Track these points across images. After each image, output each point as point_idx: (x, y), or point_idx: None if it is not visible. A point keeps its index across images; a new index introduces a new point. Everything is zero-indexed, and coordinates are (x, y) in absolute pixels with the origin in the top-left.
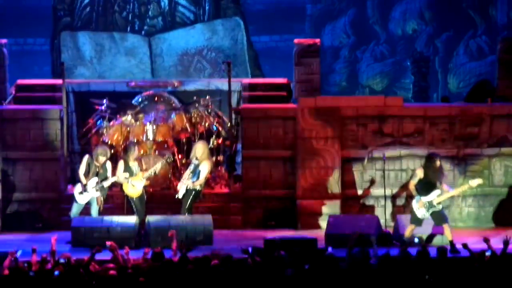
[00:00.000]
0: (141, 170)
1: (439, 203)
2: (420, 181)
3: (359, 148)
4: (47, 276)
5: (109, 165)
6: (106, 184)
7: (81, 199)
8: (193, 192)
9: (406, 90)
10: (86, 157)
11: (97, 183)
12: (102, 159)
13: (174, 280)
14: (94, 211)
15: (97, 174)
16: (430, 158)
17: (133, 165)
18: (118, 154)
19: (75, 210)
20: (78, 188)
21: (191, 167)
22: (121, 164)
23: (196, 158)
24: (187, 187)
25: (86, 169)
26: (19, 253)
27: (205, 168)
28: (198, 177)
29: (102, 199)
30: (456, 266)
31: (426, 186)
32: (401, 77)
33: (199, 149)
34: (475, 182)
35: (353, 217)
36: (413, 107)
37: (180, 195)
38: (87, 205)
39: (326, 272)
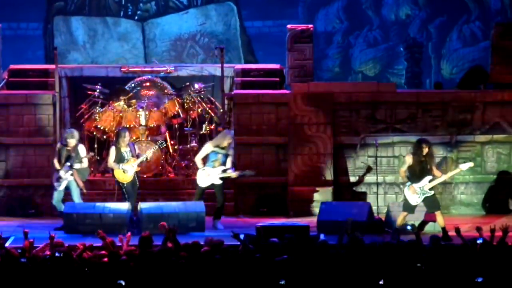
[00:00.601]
0: (133, 156)
1: (431, 188)
2: (410, 167)
3: (352, 134)
4: (39, 263)
5: (81, 147)
6: (77, 166)
7: (58, 186)
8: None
9: (399, 76)
10: (57, 145)
11: (69, 167)
12: (71, 141)
13: (164, 266)
14: (75, 196)
15: (69, 158)
16: (417, 144)
17: (125, 150)
18: (110, 139)
19: (55, 197)
20: (55, 175)
21: (219, 157)
22: (112, 150)
23: (222, 148)
24: (223, 177)
25: (57, 156)
26: (10, 240)
27: (231, 158)
28: (228, 166)
29: (81, 182)
30: (448, 254)
31: (416, 172)
32: (394, 63)
33: (229, 139)
34: (466, 165)
35: (345, 204)
36: (406, 93)
37: (206, 183)
38: (67, 191)
39: (318, 259)
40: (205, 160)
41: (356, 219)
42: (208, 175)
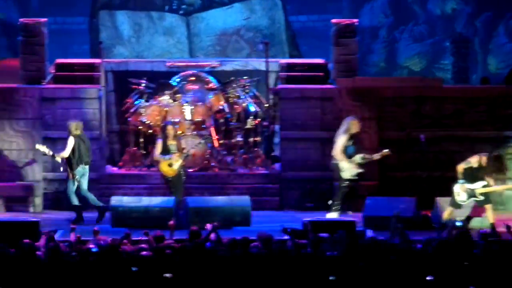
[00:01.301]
0: (179, 150)
1: (481, 194)
2: (470, 168)
3: (397, 129)
4: (85, 257)
5: (69, 140)
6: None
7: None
8: None
9: (445, 71)
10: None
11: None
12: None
13: (209, 261)
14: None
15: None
16: (498, 158)
17: (171, 144)
18: (155, 134)
19: (70, 189)
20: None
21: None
22: (159, 143)
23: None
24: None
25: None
26: (58, 234)
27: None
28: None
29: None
30: (497, 250)
31: (474, 175)
32: (440, 58)
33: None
34: None
35: (391, 199)
36: (452, 89)
37: (350, 174)
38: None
39: (368, 255)
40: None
41: (402, 214)
42: (352, 165)
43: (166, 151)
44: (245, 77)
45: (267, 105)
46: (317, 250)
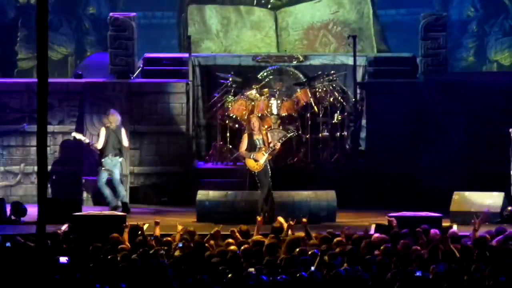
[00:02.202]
0: (265, 144)
1: None
2: None
3: (486, 124)
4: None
5: (101, 131)
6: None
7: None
8: None
9: None
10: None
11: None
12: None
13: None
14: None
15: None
16: None
17: (257, 138)
18: (242, 128)
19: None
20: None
21: None
22: (244, 137)
23: None
24: None
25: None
26: (145, 227)
27: None
28: None
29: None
30: None
31: None
32: None
33: None
34: None
35: (478, 194)
36: None
37: None
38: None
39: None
40: None
41: (490, 209)
42: None
43: (252, 145)
44: (332, 72)
45: (354, 99)
46: (396, 245)
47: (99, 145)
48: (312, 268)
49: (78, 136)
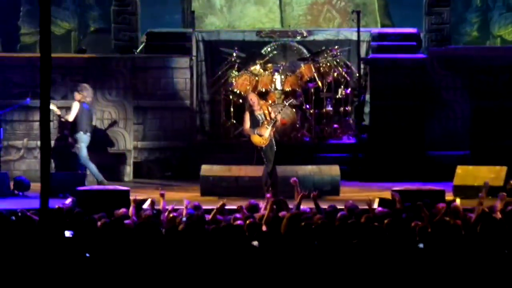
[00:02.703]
0: (266, 118)
1: None
2: None
3: (490, 99)
4: (173, 227)
5: (74, 104)
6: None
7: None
8: None
9: None
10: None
11: None
12: None
13: (298, 231)
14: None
15: None
16: None
17: (259, 114)
18: (246, 103)
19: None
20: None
21: None
22: (246, 116)
23: None
24: None
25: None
26: (147, 202)
27: None
28: None
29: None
30: None
31: None
32: None
33: None
34: None
35: (482, 168)
36: None
37: None
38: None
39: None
40: None
41: (493, 183)
42: None
43: (255, 121)
44: (336, 47)
45: (358, 74)
46: (396, 219)
47: (70, 118)
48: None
49: (52, 106)
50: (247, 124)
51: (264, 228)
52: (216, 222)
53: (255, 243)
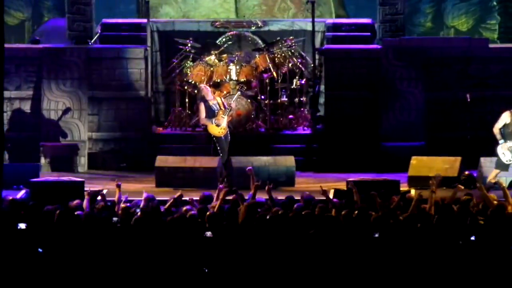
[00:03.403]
0: (221, 107)
1: None
2: (506, 125)
3: (443, 90)
4: (127, 219)
5: None
6: None
7: None
8: None
9: (492, 31)
10: None
11: None
12: None
13: (254, 220)
14: None
15: None
16: None
17: (213, 103)
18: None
19: None
20: None
21: None
22: (201, 106)
23: None
24: None
25: None
26: (105, 192)
27: None
28: None
29: None
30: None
31: (511, 131)
32: (487, 17)
33: None
34: None
35: (437, 159)
36: (499, 49)
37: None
38: None
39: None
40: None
41: (447, 174)
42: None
43: (210, 111)
44: (291, 37)
45: (313, 65)
46: (353, 210)
47: None
48: None
49: None
50: (203, 113)
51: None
52: (171, 213)
53: (209, 233)
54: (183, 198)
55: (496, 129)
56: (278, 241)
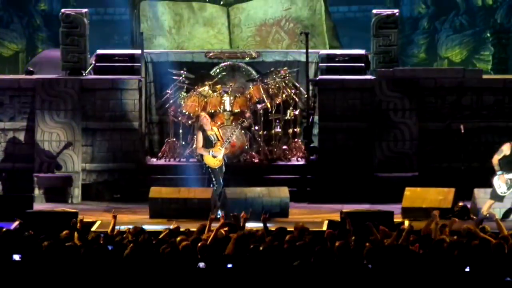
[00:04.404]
0: (218, 139)
1: None
2: (505, 157)
3: (437, 120)
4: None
5: None
6: None
7: None
8: None
9: (486, 62)
10: None
11: None
12: None
13: (246, 252)
14: None
15: None
16: None
17: (211, 134)
18: (195, 124)
19: None
20: None
21: None
22: (200, 135)
23: None
24: None
25: None
26: (97, 224)
27: None
28: None
29: None
30: None
31: (510, 164)
32: (480, 48)
33: None
34: None
35: (430, 190)
36: (492, 79)
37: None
38: None
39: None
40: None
41: (441, 205)
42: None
43: (207, 141)
44: (285, 68)
45: (307, 96)
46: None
47: None
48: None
49: None
50: (200, 143)
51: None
52: (164, 244)
53: (202, 264)
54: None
55: (495, 160)
56: (271, 272)
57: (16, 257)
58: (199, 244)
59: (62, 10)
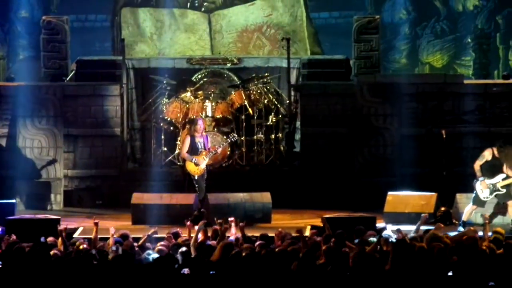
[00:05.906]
0: (205, 148)
1: (503, 186)
2: (487, 162)
3: (418, 126)
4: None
5: None
6: None
7: None
8: None
9: (467, 67)
10: None
11: None
12: None
13: (230, 260)
14: None
15: None
16: (507, 143)
17: (199, 141)
18: (177, 130)
19: None
20: None
21: None
22: (187, 140)
23: None
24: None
25: None
26: (78, 231)
27: None
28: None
29: None
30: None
31: (492, 169)
32: (461, 54)
33: None
34: None
35: (412, 195)
36: (473, 85)
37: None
38: None
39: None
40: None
41: (423, 210)
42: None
43: (193, 148)
44: (266, 74)
45: (288, 101)
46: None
47: None
48: None
49: None
50: (186, 148)
51: (193, 252)
52: (143, 249)
53: (186, 270)
54: (156, 235)
55: (477, 165)
56: (255, 279)
57: None
58: (180, 250)
59: (43, 17)
